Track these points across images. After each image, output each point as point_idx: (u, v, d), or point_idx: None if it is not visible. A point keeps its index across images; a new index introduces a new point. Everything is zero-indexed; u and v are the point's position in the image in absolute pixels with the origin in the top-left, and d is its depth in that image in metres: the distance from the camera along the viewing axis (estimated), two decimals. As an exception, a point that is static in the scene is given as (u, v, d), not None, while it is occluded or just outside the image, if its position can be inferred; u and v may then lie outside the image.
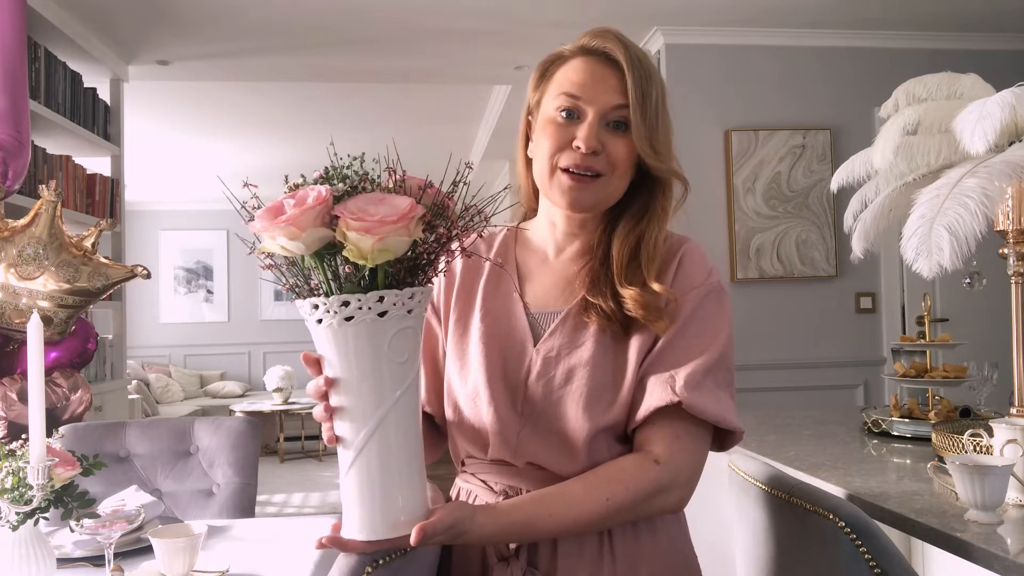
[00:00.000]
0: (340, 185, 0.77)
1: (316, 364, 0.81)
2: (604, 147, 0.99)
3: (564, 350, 1.00)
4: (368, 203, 0.75)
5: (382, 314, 0.76)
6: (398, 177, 0.80)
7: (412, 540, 0.79)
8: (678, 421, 0.95)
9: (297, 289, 0.80)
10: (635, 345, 0.99)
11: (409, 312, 0.78)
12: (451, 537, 0.84)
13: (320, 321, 0.78)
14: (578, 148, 0.98)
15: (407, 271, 0.79)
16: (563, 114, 1.01)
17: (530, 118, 1.09)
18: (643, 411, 0.96)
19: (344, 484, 0.81)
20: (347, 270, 0.77)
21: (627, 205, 1.05)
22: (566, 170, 1.00)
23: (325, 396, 0.80)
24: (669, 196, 1.04)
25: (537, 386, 1.00)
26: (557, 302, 1.04)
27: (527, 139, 1.10)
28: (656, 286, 0.98)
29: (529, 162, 1.09)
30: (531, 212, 1.15)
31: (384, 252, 0.74)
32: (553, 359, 1.00)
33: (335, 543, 0.81)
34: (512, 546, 0.98)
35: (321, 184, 0.78)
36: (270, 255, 0.80)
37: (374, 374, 0.78)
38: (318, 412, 0.82)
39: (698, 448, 0.98)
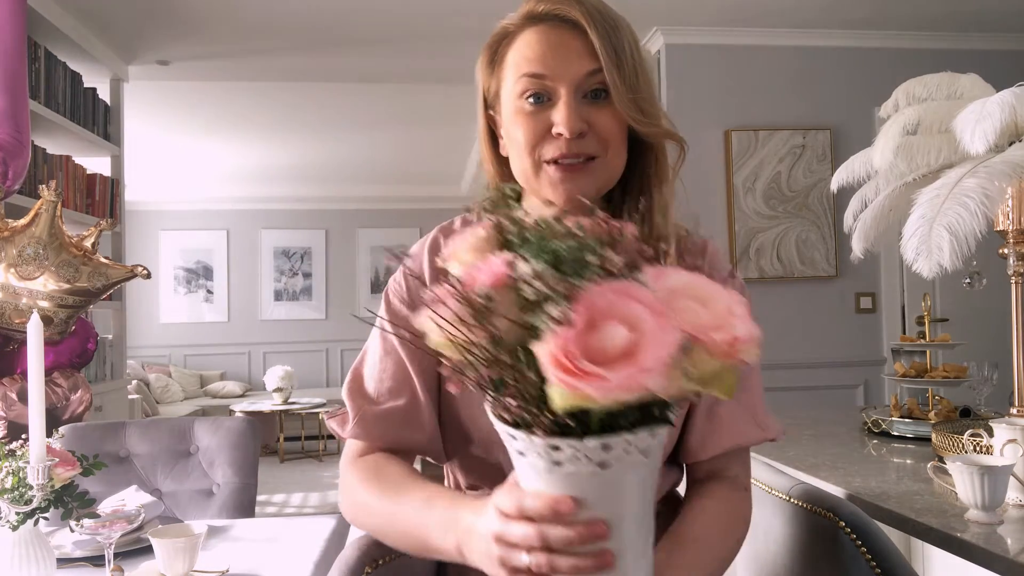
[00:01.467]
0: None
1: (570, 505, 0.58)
2: (589, 124, 0.85)
3: None
4: (689, 297, 0.53)
5: (645, 452, 0.56)
6: (614, 226, 0.57)
7: None
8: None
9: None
10: None
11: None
12: None
13: (559, 465, 0.56)
14: (560, 135, 0.84)
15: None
16: (530, 100, 0.86)
17: (491, 112, 0.94)
18: (727, 446, 0.91)
19: None
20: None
21: (625, 186, 0.92)
22: (553, 162, 0.86)
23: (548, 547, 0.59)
24: (664, 164, 0.91)
25: None
26: None
27: (492, 136, 0.95)
28: None
29: (501, 160, 0.95)
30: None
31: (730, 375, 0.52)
32: None
33: None
34: None
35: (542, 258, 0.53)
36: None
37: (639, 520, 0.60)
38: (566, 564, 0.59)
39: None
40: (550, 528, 0.58)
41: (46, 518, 1.30)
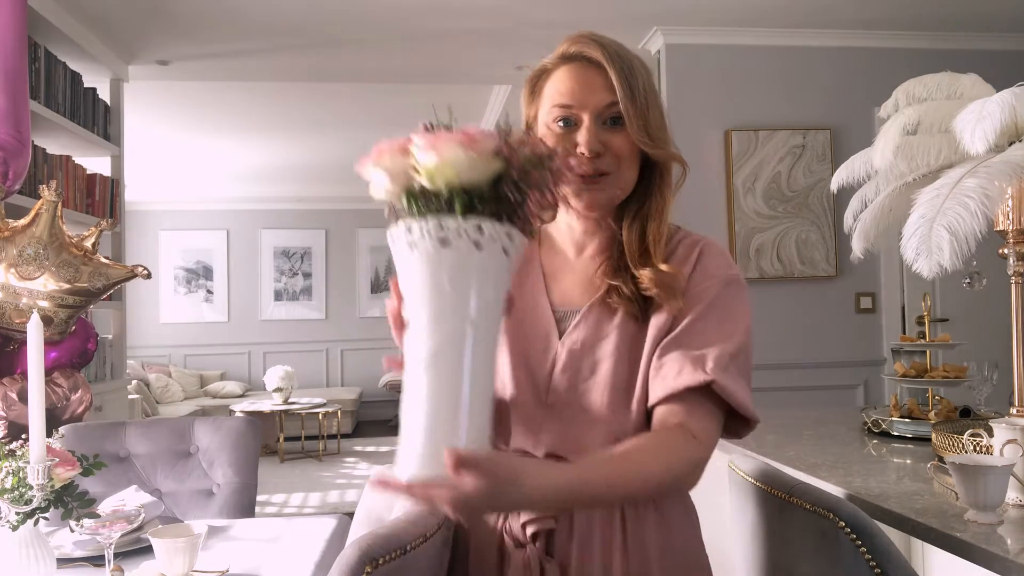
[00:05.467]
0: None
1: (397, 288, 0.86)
2: (606, 146, 1.04)
3: (588, 342, 1.03)
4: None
5: (476, 244, 0.77)
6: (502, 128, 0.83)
7: (447, 464, 0.73)
8: (705, 401, 0.97)
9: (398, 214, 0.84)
10: (652, 330, 1.01)
11: (505, 253, 0.80)
12: (496, 485, 0.76)
13: (414, 246, 0.78)
14: (582, 153, 1.03)
15: (497, 212, 0.80)
16: (560, 124, 1.05)
17: (531, 132, 1.12)
18: (670, 389, 0.96)
19: (400, 416, 0.79)
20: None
21: (632, 195, 1.09)
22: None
23: (399, 317, 0.86)
24: (667, 179, 1.08)
25: (562, 379, 1.03)
26: (582, 298, 1.07)
27: None
28: (663, 266, 1.02)
29: None
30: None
31: (446, 168, 0.75)
32: (578, 352, 1.03)
33: (382, 483, 0.78)
34: (529, 532, 0.99)
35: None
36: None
37: (454, 302, 0.78)
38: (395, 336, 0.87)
39: (718, 430, 0.99)
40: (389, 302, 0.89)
41: (46, 518, 1.30)
